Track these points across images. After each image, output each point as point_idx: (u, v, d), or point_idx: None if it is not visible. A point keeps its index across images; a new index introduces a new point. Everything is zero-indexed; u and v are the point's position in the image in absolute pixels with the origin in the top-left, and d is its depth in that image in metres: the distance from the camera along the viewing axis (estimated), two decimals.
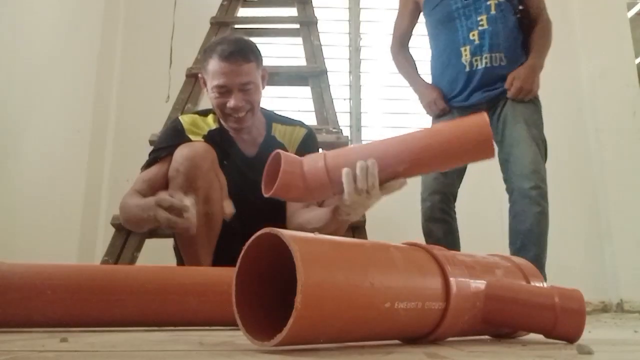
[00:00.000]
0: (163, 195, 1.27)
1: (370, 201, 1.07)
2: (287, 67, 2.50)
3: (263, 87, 1.52)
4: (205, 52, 1.49)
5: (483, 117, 0.95)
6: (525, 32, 1.95)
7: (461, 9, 1.93)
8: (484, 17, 1.90)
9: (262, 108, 1.59)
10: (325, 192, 1.05)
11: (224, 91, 1.44)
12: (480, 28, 1.90)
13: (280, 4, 2.79)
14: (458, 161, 1.03)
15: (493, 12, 1.90)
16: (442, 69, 2.00)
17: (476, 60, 1.90)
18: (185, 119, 1.55)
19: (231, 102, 1.44)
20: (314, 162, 1.01)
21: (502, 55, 1.88)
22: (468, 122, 0.98)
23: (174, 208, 1.24)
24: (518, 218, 1.74)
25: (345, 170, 0.97)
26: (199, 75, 1.55)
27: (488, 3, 1.91)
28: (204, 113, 1.58)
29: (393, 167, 1.00)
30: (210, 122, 1.55)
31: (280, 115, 1.66)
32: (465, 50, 1.91)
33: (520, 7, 1.96)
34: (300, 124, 1.62)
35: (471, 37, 1.91)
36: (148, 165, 1.48)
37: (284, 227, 1.40)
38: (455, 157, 0.99)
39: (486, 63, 1.89)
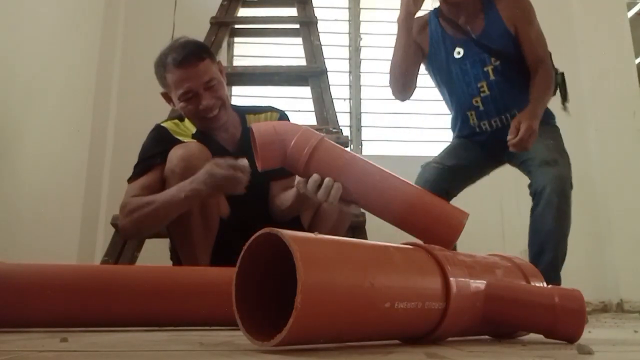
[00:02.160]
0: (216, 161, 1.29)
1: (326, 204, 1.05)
2: (287, 67, 2.51)
3: (225, 81, 1.52)
4: (158, 67, 1.47)
5: (463, 219, 0.93)
6: None
7: (460, 76, 1.81)
8: (483, 83, 1.78)
9: (232, 104, 1.59)
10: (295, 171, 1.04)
11: (190, 96, 1.44)
12: (482, 94, 1.78)
13: (280, 4, 2.79)
14: (415, 234, 1.00)
15: (493, 77, 1.77)
16: (455, 121, 1.92)
17: (484, 124, 1.80)
18: (166, 125, 1.55)
19: (202, 104, 1.44)
20: (299, 148, 0.96)
21: (515, 111, 1.70)
22: (449, 218, 0.95)
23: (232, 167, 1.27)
24: (538, 219, 1.58)
25: (314, 177, 0.97)
26: (162, 92, 1.53)
27: (485, 69, 1.78)
28: (180, 118, 1.57)
29: (359, 198, 1.00)
30: (188, 126, 1.54)
31: (249, 106, 1.67)
32: (471, 114, 1.82)
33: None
34: (271, 108, 1.63)
35: (474, 104, 1.80)
36: (139, 174, 1.44)
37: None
38: (416, 231, 0.97)
39: (496, 125, 1.79)
